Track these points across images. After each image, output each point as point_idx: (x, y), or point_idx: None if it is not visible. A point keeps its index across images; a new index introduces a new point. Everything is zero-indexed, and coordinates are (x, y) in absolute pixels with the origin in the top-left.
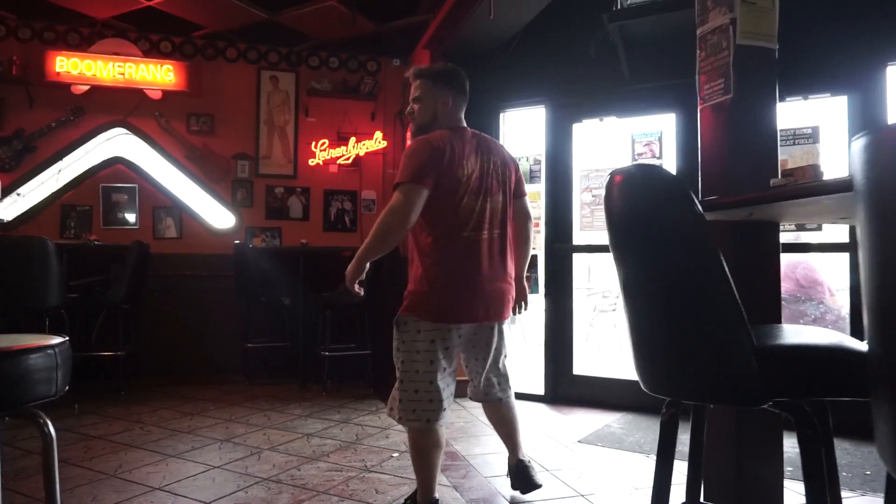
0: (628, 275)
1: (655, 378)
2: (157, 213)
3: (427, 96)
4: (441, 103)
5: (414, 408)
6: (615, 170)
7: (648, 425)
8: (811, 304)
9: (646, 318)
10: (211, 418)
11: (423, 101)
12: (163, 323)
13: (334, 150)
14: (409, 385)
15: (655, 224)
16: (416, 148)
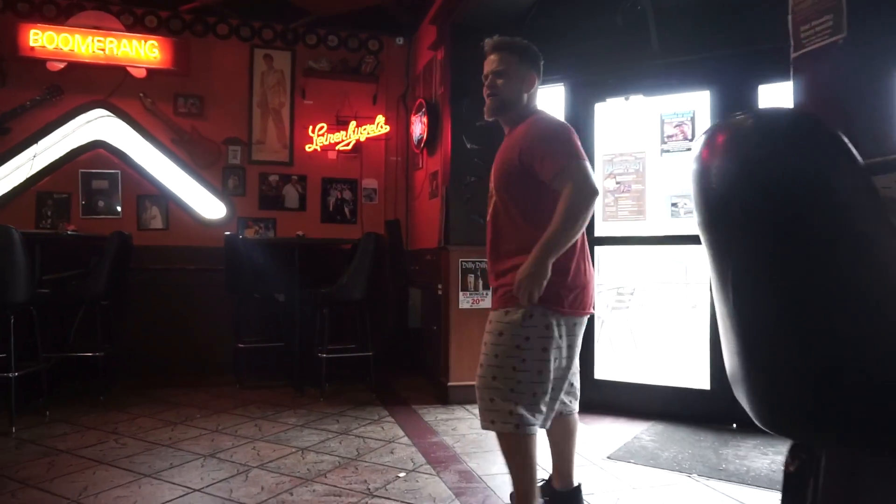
0: (738, 266)
1: (783, 412)
2: (141, 201)
3: (512, 72)
4: (528, 83)
5: (534, 412)
6: (716, 125)
7: (683, 437)
8: None
9: (767, 326)
10: (195, 428)
11: (509, 78)
12: (147, 321)
13: (333, 136)
14: (528, 387)
15: (796, 192)
16: (561, 129)
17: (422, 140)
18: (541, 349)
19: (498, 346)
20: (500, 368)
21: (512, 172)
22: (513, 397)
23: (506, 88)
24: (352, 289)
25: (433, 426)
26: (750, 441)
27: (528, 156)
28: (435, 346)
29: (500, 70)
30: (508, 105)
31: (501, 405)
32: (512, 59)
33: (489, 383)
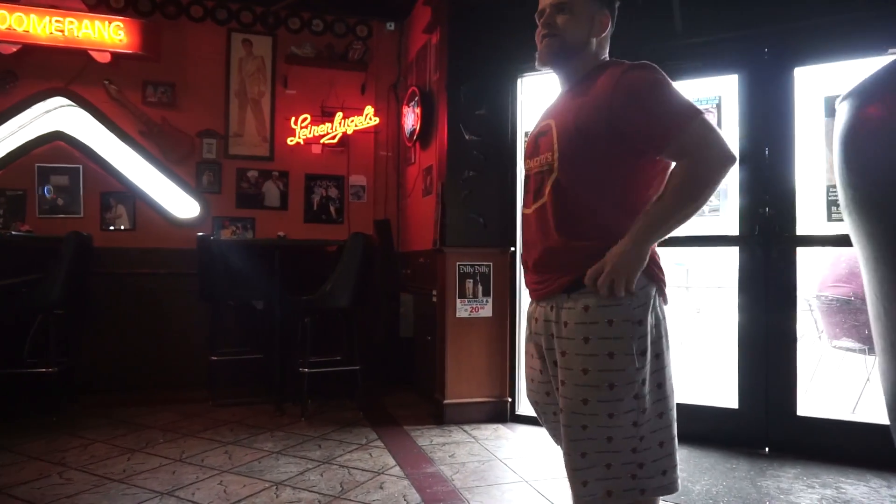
0: None
1: None
2: (105, 199)
3: (580, 9)
4: (599, 26)
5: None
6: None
7: (713, 465)
8: None
9: None
10: (156, 457)
11: (576, 15)
12: (110, 331)
13: (317, 128)
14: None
15: None
16: (663, 79)
17: (414, 132)
18: (667, 354)
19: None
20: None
21: (592, 141)
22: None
23: (570, 29)
24: (337, 296)
25: (428, 452)
26: (789, 469)
27: (625, 118)
28: (429, 358)
29: (561, 2)
30: (571, 51)
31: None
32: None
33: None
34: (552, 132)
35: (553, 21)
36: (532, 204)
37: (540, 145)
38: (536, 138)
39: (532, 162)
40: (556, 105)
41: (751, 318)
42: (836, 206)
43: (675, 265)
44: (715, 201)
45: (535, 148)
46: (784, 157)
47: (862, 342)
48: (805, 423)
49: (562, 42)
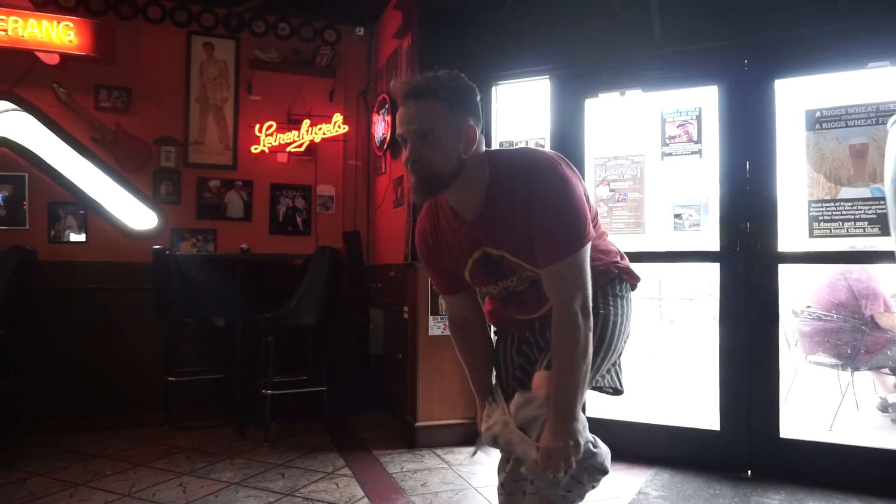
0: None
1: None
2: (53, 210)
3: (443, 131)
4: (467, 138)
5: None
6: None
7: (696, 492)
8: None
9: None
10: (101, 492)
11: (439, 139)
12: (57, 352)
13: (283, 136)
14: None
15: None
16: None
17: (385, 141)
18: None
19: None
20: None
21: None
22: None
23: (438, 156)
24: (302, 313)
25: (399, 481)
26: (773, 496)
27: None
28: (400, 376)
29: (424, 129)
30: (447, 178)
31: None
32: (441, 112)
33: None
34: (511, 259)
35: (419, 153)
36: (538, 311)
37: (504, 269)
38: (493, 264)
39: (504, 283)
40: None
41: (732, 337)
42: (819, 221)
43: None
44: (695, 215)
45: (500, 271)
46: (765, 171)
47: (838, 358)
48: (788, 446)
49: (432, 172)
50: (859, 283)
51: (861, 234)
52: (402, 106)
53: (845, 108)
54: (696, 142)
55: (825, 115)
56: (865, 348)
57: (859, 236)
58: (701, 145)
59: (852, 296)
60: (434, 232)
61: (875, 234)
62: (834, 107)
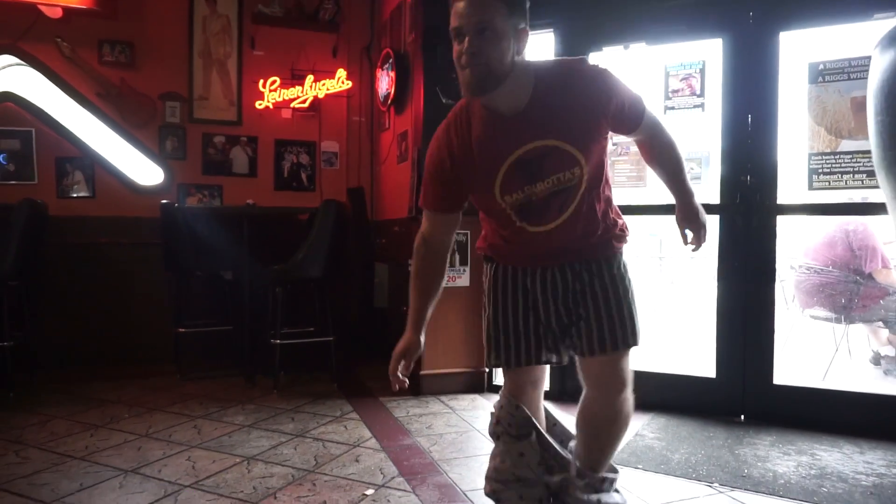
0: None
1: None
2: (61, 165)
3: (501, 27)
4: (521, 39)
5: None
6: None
7: (690, 434)
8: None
9: None
10: (120, 433)
11: (498, 36)
12: (69, 304)
13: (287, 92)
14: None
15: None
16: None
17: (389, 97)
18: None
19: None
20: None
21: (601, 146)
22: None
23: (495, 52)
24: (309, 265)
25: (405, 424)
26: (765, 437)
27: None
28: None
29: (484, 23)
30: (500, 77)
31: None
32: (500, 8)
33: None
34: (564, 149)
35: (478, 46)
36: (553, 221)
37: (546, 167)
38: (537, 162)
39: (540, 186)
40: (527, 126)
41: (729, 287)
42: (818, 174)
43: (649, 235)
44: (696, 169)
45: (540, 171)
46: (767, 124)
47: (834, 311)
48: (780, 392)
49: (489, 68)
50: (858, 239)
51: (860, 186)
52: (459, 2)
53: (848, 61)
54: (699, 95)
55: (828, 67)
56: (861, 301)
57: (858, 188)
58: (704, 99)
59: (851, 252)
60: (463, 137)
61: (873, 187)
62: (837, 59)
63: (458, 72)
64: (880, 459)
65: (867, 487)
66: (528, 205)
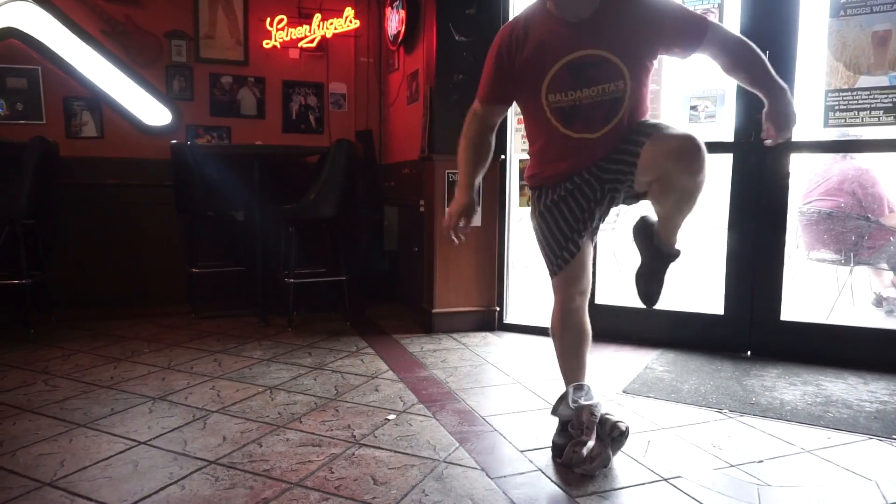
0: None
1: None
2: (69, 105)
3: None
4: None
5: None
6: None
7: (698, 367)
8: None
9: None
10: (143, 365)
11: None
12: (82, 244)
13: (294, 31)
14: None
15: None
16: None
17: (399, 36)
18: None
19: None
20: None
21: (649, 66)
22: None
23: None
24: (321, 205)
25: (420, 358)
26: (771, 370)
27: (668, 31)
28: (415, 270)
29: None
30: None
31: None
32: None
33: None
34: (613, 62)
35: None
36: (598, 130)
37: (594, 76)
38: (585, 69)
39: (586, 92)
40: (585, 35)
41: (741, 225)
42: (835, 111)
43: None
44: (711, 107)
45: (588, 78)
46: (785, 60)
47: (839, 253)
48: (787, 328)
49: None
50: (865, 185)
51: (876, 122)
52: None
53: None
54: None
55: (850, 0)
56: (869, 242)
57: (874, 125)
58: None
59: (857, 199)
60: (526, 30)
61: (890, 123)
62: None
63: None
64: (883, 389)
65: (871, 413)
66: (574, 110)
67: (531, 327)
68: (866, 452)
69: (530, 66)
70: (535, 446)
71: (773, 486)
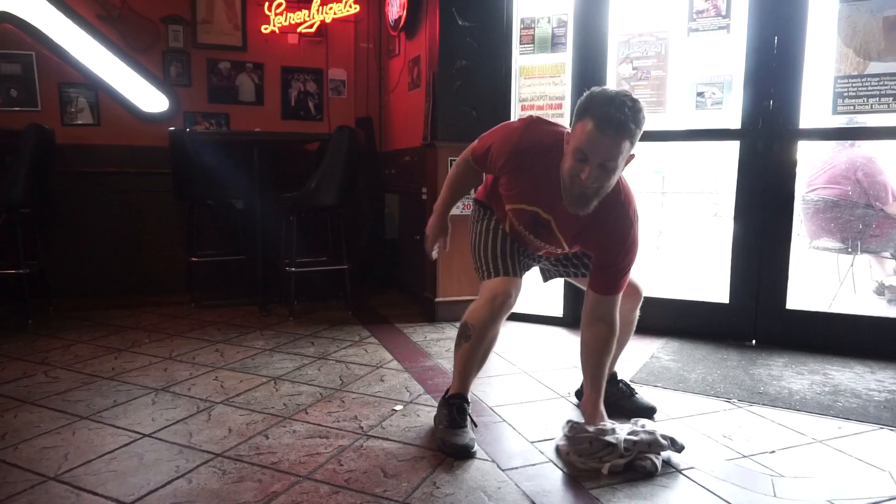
0: None
1: None
2: (64, 91)
3: (622, 162)
4: (627, 164)
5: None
6: None
7: (704, 356)
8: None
9: None
10: (144, 356)
11: (618, 170)
12: (80, 233)
13: (293, 15)
14: None
15: None
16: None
17: (400, 21)
18: None
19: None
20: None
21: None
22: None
23: (609, 182)
24: (323, 193)
25: (424, 348)
26: (778, 359)
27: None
28: (416, 258)
29: (611, 160)
30: (602, 197)
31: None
32: (627, 147)
33: None
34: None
35: (600, 179)
36: (550, 246)
37: (542, 236)
38: (536, 227)
39: (538, 243)
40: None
41: (747, 214)
42: (843, 97)
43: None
44: (718, 94)
45: (537, 235)
46: (794, 45)
47: (842, 242)
48: (792, 316)
49: (598, 195)
50: (869, 174)
51: (886, 110)
52: (600, 130)
53: None
54: (725, 16)
55: None
56: (874, 230)
57: (884, 112)
58: (729, 20)
59: (862, 187)
60: (537, 158)
61: None
62: None
63: (567, 180)
64: (891, 378)
65: (880, 402)
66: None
67: (535, 316)
68: (878, 442)
69: (520, 186)
70: (545, 437)
71: (786, 477)
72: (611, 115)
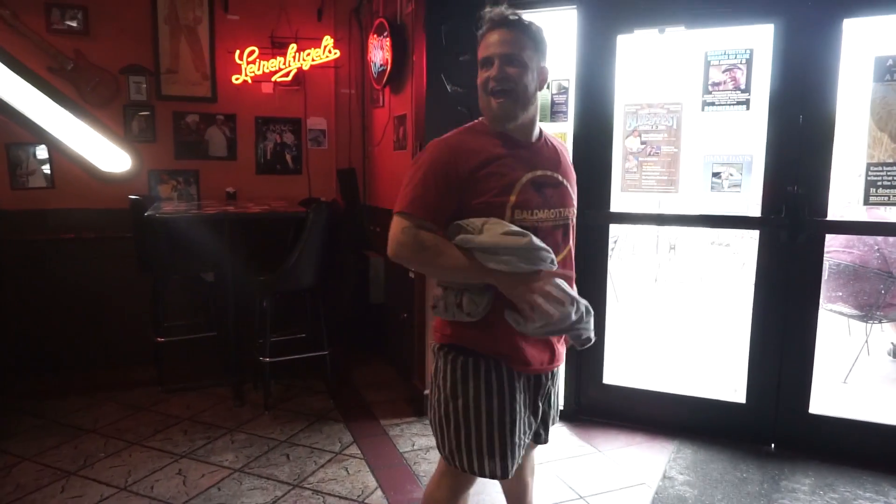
0: None
1: None
2: (13, 153)
3: (529, 61)
4: (542, 78)
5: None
6: None
7: (722, 473)
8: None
9: None
10: (95, 483)
11: (526, 68)
12: (33, 306)
13: (267, 63)
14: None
15: None
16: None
17: (384, 74)
18: None
19: None
20: None
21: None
22: None
23: (522, 82)
24: (299, 274)
25: (411, 464)
26: (802, 478)
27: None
28: (404, 330)
29: (513, 54)
30: (524, 103)
31: None
32: (528, 45)
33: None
34: (566, 188)
35: (506, 73)
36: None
37: (550, 197)
38: (545, 189)
39: (546, 213)
40: (541, 156)
41: (767, 308)
42: (877, 187)
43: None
44: (736, 175)
45: (544, 200)
46: (822, 126)
47: (859, 309)
48: (816, 422)
49: (515, 96)
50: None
51: None
52: (493, 31)
53: None
54: (744, 90)
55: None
56: (890, 300)
57: None
58: (749, 95)
59: (882, 256)
60: (467, 145)
61: None
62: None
63: (482, 98)
64: None
65: None
66: (535, 231)
67: None
68: None
69: (488, 179)
70: None
71: None
72: (499, 13)
